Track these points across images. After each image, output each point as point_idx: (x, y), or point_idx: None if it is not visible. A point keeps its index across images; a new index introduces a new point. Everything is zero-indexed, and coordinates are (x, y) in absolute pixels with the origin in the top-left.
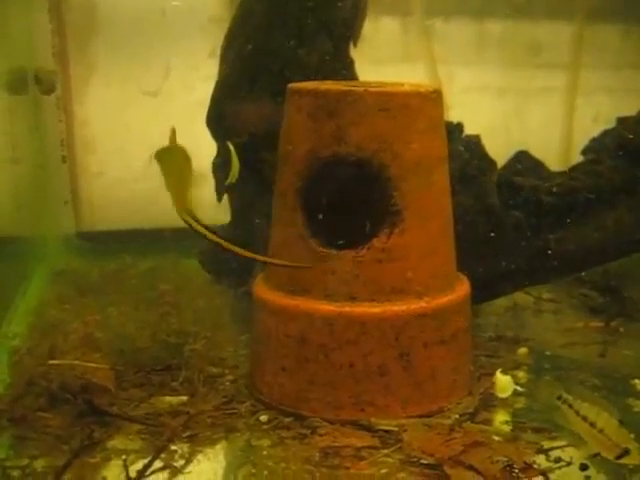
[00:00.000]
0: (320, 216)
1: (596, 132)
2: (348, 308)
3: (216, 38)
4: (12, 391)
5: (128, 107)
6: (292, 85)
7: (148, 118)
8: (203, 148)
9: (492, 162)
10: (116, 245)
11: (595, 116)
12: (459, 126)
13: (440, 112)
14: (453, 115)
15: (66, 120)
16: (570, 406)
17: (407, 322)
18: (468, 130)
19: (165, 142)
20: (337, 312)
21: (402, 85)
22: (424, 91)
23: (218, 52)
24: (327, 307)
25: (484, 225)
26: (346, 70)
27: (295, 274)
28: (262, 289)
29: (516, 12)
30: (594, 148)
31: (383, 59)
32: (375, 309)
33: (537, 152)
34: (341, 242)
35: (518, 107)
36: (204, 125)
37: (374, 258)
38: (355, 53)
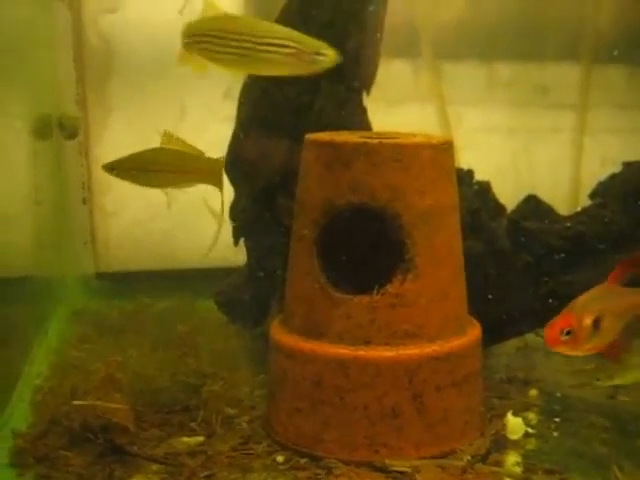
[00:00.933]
0: (336, 263)
1: (604, 172)
2: (363, 352)
3: (230, 79)
4: (35, 430)
5: (144, 147)
6: (309, 136)
7: None
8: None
9: (502, 207)
10: (133, 285)
11: (602, 157)
12: (470, 173)
13: (451, 162)
14: (462, 155)
15: (86, 163)
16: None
17: (420, 365)
18: (478, 169)
19: None
20: (352, 356)
21: (415, 136)
22: (436, 142)
23: (232, 93)
24: (342, 351)
25: (494, 269)
26: (360, 118)
27: (311, 317)
28: (278, 332)
29: (524, 55)
30: (601, 192)
31: (395, 100)
32: (389, 353)
33: (546, 191)
34: (356, 288)
35: (527, 147)
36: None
37: (388, 303)
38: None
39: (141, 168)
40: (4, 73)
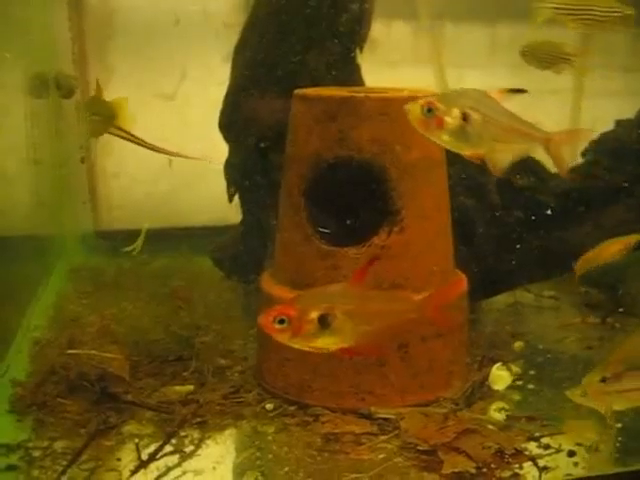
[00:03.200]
0: (323, 215)
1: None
2: None
3: (230, 43)
4: (33, 379)
5: (145, 110)
6: (297, 91)
7: (164, 121)
8: (219, 149)
9: None
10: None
11: (599, 118)
12: None
13: None
14: None
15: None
16: None
17: None
18: None
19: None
20: None
21: (402, 91)
22: (422, 96)
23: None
24: None
25: (485, 224)
26: (353, 75)
27: (300, 270)
28: (268, 284)
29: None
30: (593, 150)
31: (395, 62)
32: None
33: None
34: (343, 240)
35: (526, 108)
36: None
37: (374, 255)
38: (368, 56)
39: None
40: None
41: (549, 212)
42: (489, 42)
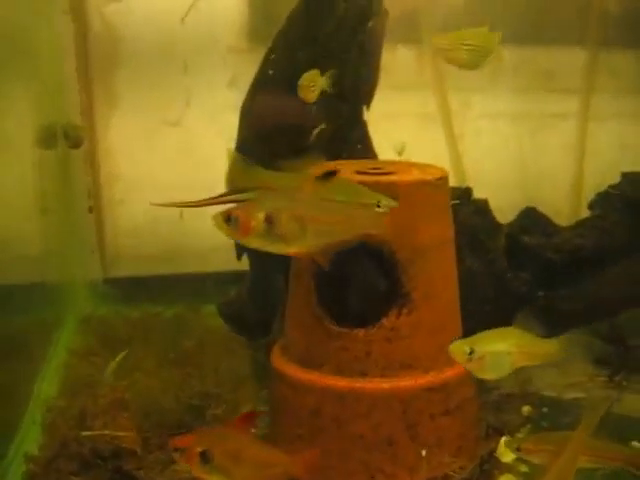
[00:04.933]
0: (333, 297)
1: (608, 157)
2: (359, 384)
3: (235, 68)
4: (46, 453)
5: (151, 137)
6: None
7: (171, 147)
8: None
9: (499, 226)
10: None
11: (607, 143)
12: (467, 191)
13: (446, 197)
14: (468, 142)
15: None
16: None
17: (414, 396)
18: (483, 156)
19: None
20: (349, 387)
21: (411, 168)
22: (431, 179)
23: (237, 82)
24: (340, 383)
25: (492, 289)
26: (360, 134)
27: (310, 349)
28: (279, 360)
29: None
30: (600, 203)
31: (399, 86)
32: (384, 385)
33: (551, 175)
34: (353, 321)
35: (533, 133)
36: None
37: (383, 337)
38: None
39: None
40: (9, 80)
41: (556, 269)
42: (493, 66)
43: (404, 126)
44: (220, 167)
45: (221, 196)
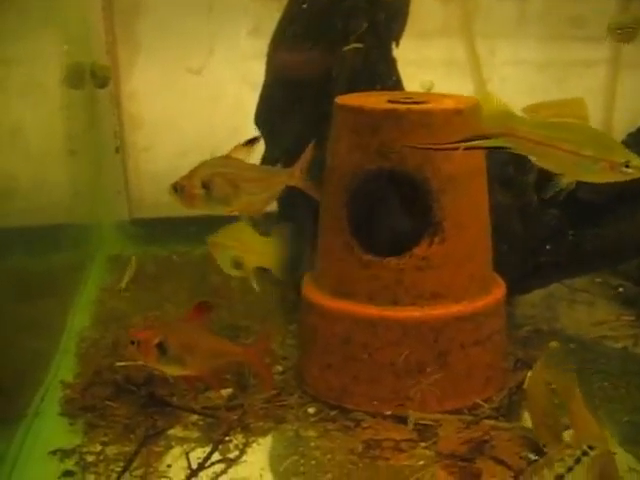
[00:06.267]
0: (365, 227)
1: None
2: (390, 312)
3: (257, 17)
4: (81, 380)
5: (174, 85)
6: (338, 100)
7: (193, 95)
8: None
9: (530, 162)
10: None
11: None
12: None
13: (478, 126)
14: (493, 89)
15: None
16: None
17: (446, 325)
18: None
19: None
20: (380, 315)
21: (444, 98)
22: (464, 107)
23: (259, 30)
24: (371, 311)
25: (522, 222)
26: (389, 70)
27: (341, 278)
28: (310, 290)
29: None
30: (630, 143)
31: (425, 33)
32: (416, 313)
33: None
34: (384, 250)
35: (561, 81)
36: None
37: (415, 266)
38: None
39: None
40: (39, 19)
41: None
42: (519, 13)
43: (430, 73)
44: (243, 114)
45: (469, 140)
